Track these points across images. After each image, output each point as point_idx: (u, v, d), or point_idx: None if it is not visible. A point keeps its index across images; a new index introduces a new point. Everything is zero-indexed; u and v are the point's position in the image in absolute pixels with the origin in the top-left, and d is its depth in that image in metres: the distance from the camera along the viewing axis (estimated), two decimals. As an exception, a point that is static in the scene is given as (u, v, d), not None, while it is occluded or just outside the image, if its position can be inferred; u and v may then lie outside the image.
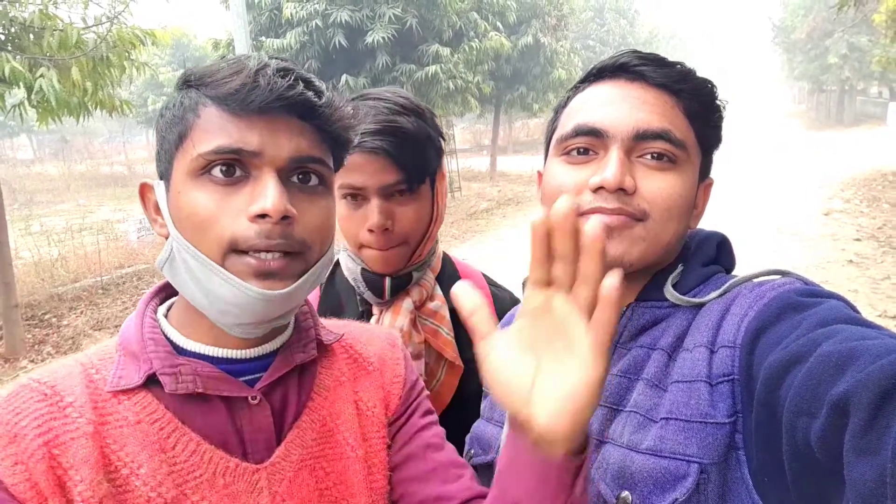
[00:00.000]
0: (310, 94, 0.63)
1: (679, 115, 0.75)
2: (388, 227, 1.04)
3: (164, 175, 0.67)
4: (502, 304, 1.27)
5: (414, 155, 1.05)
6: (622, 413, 0.72)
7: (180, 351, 0.68)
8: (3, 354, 5.32)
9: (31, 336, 5.81)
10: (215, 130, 0.61)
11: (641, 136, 0.72)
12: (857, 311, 0.61)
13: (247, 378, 0.70)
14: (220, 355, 0.69)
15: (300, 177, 0.65)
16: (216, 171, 0.62)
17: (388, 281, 1.10)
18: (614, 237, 0.72)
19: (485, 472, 0.90)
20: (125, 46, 4.99)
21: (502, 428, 0.87)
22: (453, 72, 11.16)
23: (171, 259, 0.65)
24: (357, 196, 1.05)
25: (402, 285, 1.12)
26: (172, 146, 0.65)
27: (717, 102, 0.78)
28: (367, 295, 1.12)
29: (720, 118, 0.79)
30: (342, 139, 0.69)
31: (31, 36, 4.65)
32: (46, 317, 6.40)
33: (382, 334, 0.89)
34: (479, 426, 0.95)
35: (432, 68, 10.79)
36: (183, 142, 0.63)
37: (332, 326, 0.84)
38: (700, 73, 0.78)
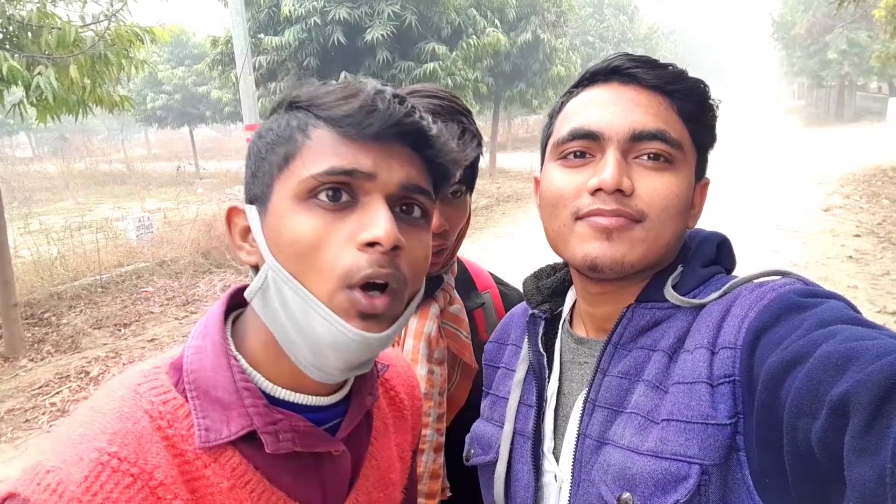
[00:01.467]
0: (424, 123, 0.60)
1: (673, 116, 0.75)
2: (446, 229, 1.04)
3: (261, 198, 0.62)
4: (511, 302, 1.27)
5: (474, 159, 1.05)
6: (623, 414, 0.72)
7: (269, 399, 0.63)
8: (3, 353, 5.32)
9: (31, 335, 5.80)
10: (327, 152, 0.58)
11: (637, 137, 0.73)
12: (858, 311, 0.61)
13: (325, 427, 0.66)
14: (307, 403, 0.65)
15: (403, 208, 0.62)
16: (322, 196, 0.58)
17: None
18: (613, 239, 0.72)
19: (485, 472, 0.90)
20: (123, 44, 4.98)
21: (502, 428, 0.87)
22: (452, 69, 11.14)
23: (265, 289, 0.60)
24: None
25: (434, 288, 1.11)
26: (274, 167, 0.61)
27: (711, 102, 0.79)
28: None
29: (714, 117, 0.79)
30: (447, 174, 0.66)
31: (30, 34, 4.63)
32: (46, 315, 6.39)
33: (401, 361, 0.88)
34: (478, 426, 0.95)
35: (431, 65, 10.77)
36: (289, 163, 0.59)
37: None
38: (701, 71, 0.78)
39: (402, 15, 10.28)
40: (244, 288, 0.67)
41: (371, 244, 0.57)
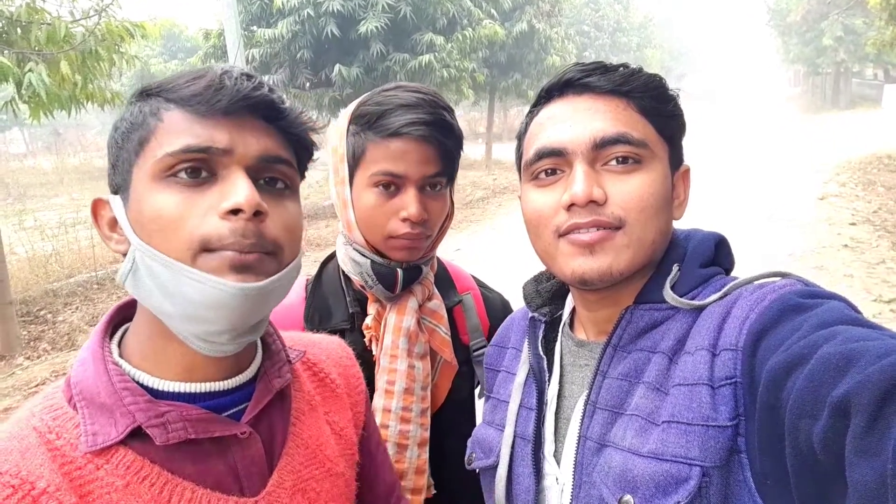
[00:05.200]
0: (274, 96, 0.64)
1: (634, 115, 0.76)
2: (425, 219, 1.04)
3: (122, 187, 0.63)
4: (493, 306, 1.27)
5: (455, 151, 1.08)
6: (623, 417, 0.72)
7: (156, 394, 0.64)
8: None
9: (27, 333, 5.78)
10: (181, 131, 0.60)
11: (600, 145, 0.74)
12: (859, 312, 0.61)
13: (230, 412, 0.67)
14: (198, 391, 0.66)
15: (266, 180, 0.64)
16: (181, 174, 0.59)
17: (400, 273, 1.08)
18: (597, 252, 0.73)
19: (486, 475, 0.90)
20: (114, 40, 4.94)
21: (503, 431, 0.87)
22: (447, 60, 11.10)
23: (135, 270, 0.61)
24: (391, 185, 1.04)
25: (412, 278, 1.10)
26: (131, 154, 0.62)
27: (669, 93, 0.79)
28: (377, 290, 1.09)
29: (675, 107, 0.80)
30: (306, 143, 0.69)
31: (19, 30, 4.59)
32: (41, 313, 6.37)
33: (334, 343, 0.90)
34: (480, 430, 0.95)
35: (426, 57, 10.72)
36: (144, 147, 0.61)
37: (287, 341, 0.82)
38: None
39: (396, 6, 10.22)
40: (130, 303, 0.70)
41: (233, 212, 0.58)
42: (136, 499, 0.59)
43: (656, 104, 0.77)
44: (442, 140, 1.03)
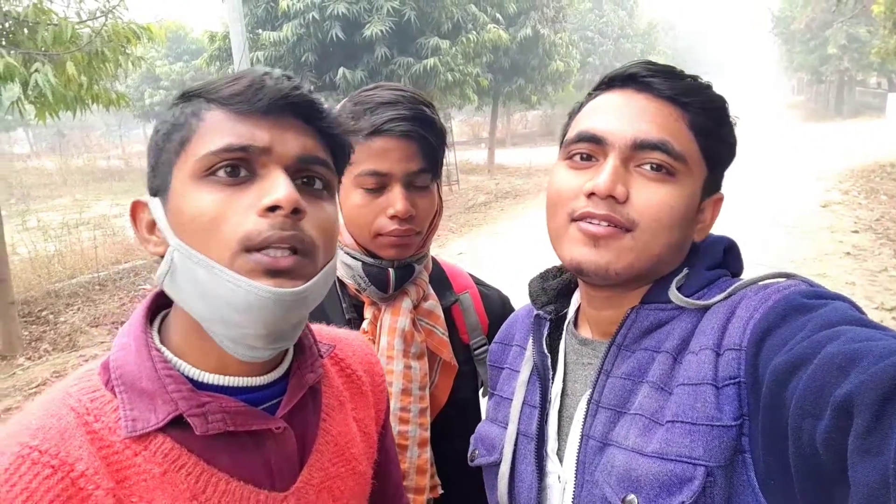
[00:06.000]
0: (314, 97, 0.64)
1: (683, 128, 0.75)
2: (412, 215, 1.04)
3: (161, 189, 0.63)
4: (491, 302, 1.27)
5: (437, 146, 1.07)
6: (626, 416, 0.72)
7: (195, 384, 0.64)
8: (0, 352, 5.30)
9: (28, 333, 5.79)
10: (222, 130, 0.60)
11: (640, 146, 0.73)
12: (863, 313, 0.61)
13: (264, 407, 0.68)
14: (236, 384, 0.66)
15: (304, 180, 0.64)
16: (220, 173, 0.60)
17: (392, 273, 1.08)
18: (601, 246, 0.73)
19: (489, 472, 0.90)
20: (120, 41, 4.96)
21: (506, 428, 0.87)
22: (451, 64, 11.12)
23: (173, 271, 0.61)
24: (376, 184, 1.04)
25: (405, 277, 1.10)
26: (172, 155, 0.62)
27: (728, 117, 0.78)
28: (370, 291, 1.09)
29: (730, 133, 0.78)
30: (344, 145, 0.70)
31: (26, 31, 4.61)
32: (43, 313, 6.38)
33: (359, 340, 0.90)
34: (483, 427, 0.95)
35: (430, 61, 10.75)
36: (185, 147, 0.61)
37: (315, 334, 0.82)
38: (700, 66, 0.78)
39: (401, 10, 10.26)
40: None
41: (272, 209, 0.59)
42: (173, 487, 0.59)
43: (711, 125, 0.76)
44: (424, 135, 1.03)
